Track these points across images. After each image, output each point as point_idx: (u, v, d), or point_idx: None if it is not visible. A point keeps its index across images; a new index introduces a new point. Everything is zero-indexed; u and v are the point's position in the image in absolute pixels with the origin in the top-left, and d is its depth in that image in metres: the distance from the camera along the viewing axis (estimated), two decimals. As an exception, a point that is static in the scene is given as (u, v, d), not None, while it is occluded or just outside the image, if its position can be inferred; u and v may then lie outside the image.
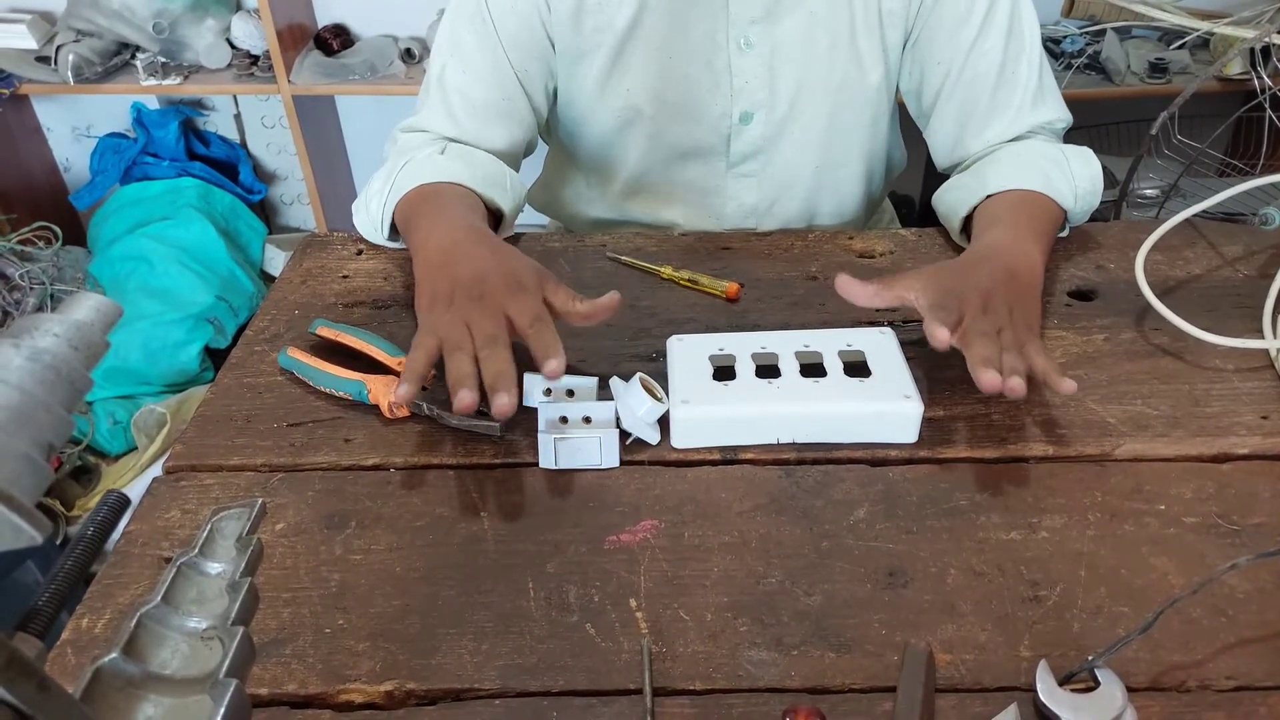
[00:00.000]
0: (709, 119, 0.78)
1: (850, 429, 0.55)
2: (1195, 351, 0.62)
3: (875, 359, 0.58)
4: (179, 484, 0.55)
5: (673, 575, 0.48)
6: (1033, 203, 0.69)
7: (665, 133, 0.78)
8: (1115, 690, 0.41)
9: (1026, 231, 0.66)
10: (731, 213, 0.84)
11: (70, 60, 1.56)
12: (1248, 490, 0.52)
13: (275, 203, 1.97)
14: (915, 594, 0.47)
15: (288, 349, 0.62)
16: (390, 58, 1.64)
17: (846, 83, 0.77)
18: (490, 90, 0.74)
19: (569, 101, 0.79)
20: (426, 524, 0.52)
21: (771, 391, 0.55)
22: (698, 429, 0.55)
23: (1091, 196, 0.72)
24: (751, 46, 0.74)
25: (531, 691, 0.43)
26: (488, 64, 0.74)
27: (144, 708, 0.33)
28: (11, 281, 1.52)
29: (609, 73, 0.75)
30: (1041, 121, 0.75)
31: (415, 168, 0.70)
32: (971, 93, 0.74)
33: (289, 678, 0.44)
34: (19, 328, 0.29)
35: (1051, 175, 0.70)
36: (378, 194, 0.71)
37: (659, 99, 0.76)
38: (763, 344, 0.59)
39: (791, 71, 0.76)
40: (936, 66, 0.75)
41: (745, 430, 0.55)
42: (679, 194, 0.83)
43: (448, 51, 0.75)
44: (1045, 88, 0.75)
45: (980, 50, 0.73)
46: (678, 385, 0.56)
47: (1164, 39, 1.63)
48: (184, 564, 0.36)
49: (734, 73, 0.75)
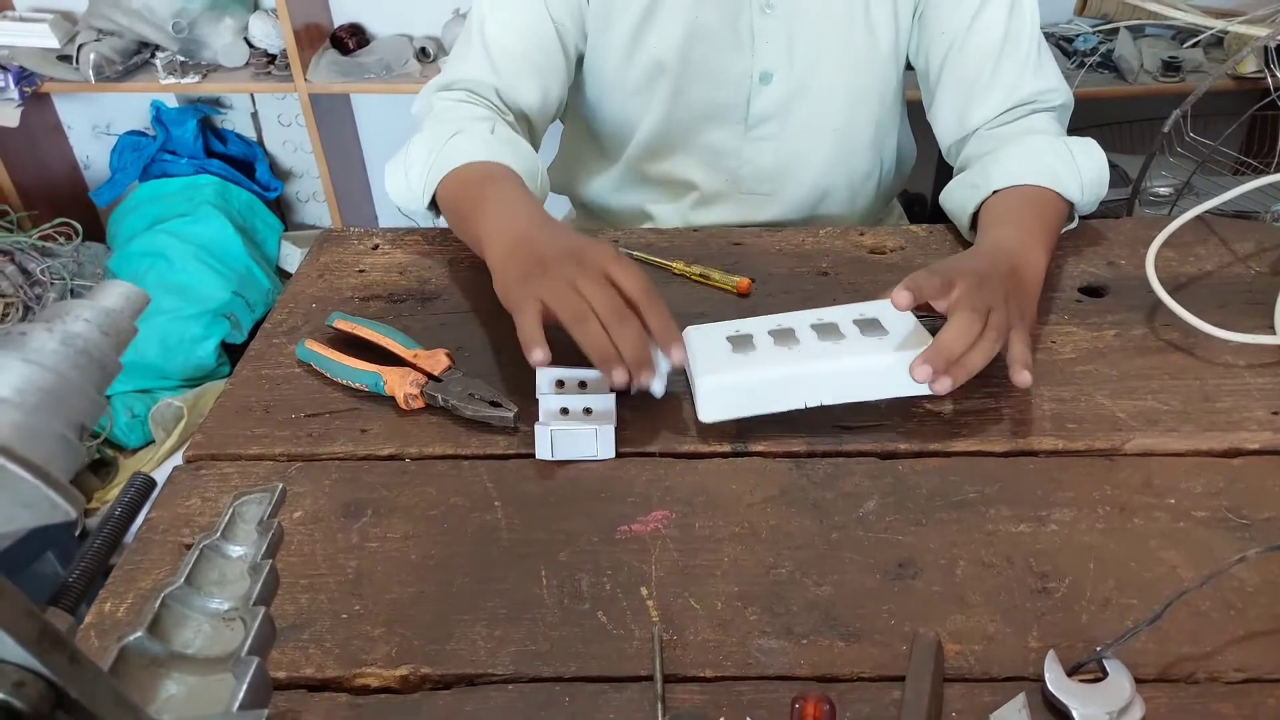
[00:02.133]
0: (731, 78, 0.80)
1: (874, 384, 0.55)
2: (1206, 347, 0.62)
3: (889, 320, 0.58)
4: (199, 472, 0.56)
5: (684, 565, 0.49)
6: (1039, 199, 0.69)
7: (687, 91, 0.80)
8: (1123, 681, 0.41)
9: (1031, 230, 0.66)
10: (747, 175, 0.85)
11: (91, 59, 1.58)
12: (1258, 485, 0.52)
13: (291, 200, 1.99)
14: (924, 585, 0.48)
15: (305, 341, 0.63)
16: (405, 57, 1.66)
17: (859, 48, 0.79)
18: (530, 42, 0.77)
19: (597, 59, 0.81)
20: (441, 513, 0.53)
21: (792, 355, 0.56)
22: (723, 398, 0.55)
23: (1098, 187, 0.72)
24: (773, 8, 0.77)
25: (544, 677, 0.44)
26: (528, 17, 0.76)
27: (167, 685, 0.34)
28: (33, 276, 1.54)
29: (639, 28, 0.78)
30: (1041, 88, 0.76)
31: (466, 142, 0.69)
32: (975, 63, 0.76)
33: (306, 662, 0.45)
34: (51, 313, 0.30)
35: (1057, 170, 0.70)
36: (420, 162, 0.71)
37: (684, 57, 0.78)
38: (778, 323, 0.59)
39: (809, 34, 0.78)
40: (941, 37, 0.77)
41: (770, 395, 0.55)
42: (696, 155, 0.84)
43: (488, 7, 0.77)
44: (1044, 60, 0.77)
45: (983, 22, 0.75)
46: (699, 363, 0.57)
47: (1177, 37, 1.61)
48: (206, 547, 0.37)
49: (755, 33, 0.78)
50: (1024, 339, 0.55)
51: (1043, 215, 0.68)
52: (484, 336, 0.66)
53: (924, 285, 0.55)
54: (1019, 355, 0.54)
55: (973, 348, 0.53)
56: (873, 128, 0.84)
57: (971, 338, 0.53)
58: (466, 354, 0.64)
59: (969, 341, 0.52)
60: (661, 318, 0.55)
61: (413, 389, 0.58)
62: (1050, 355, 0.62)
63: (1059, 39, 1.61)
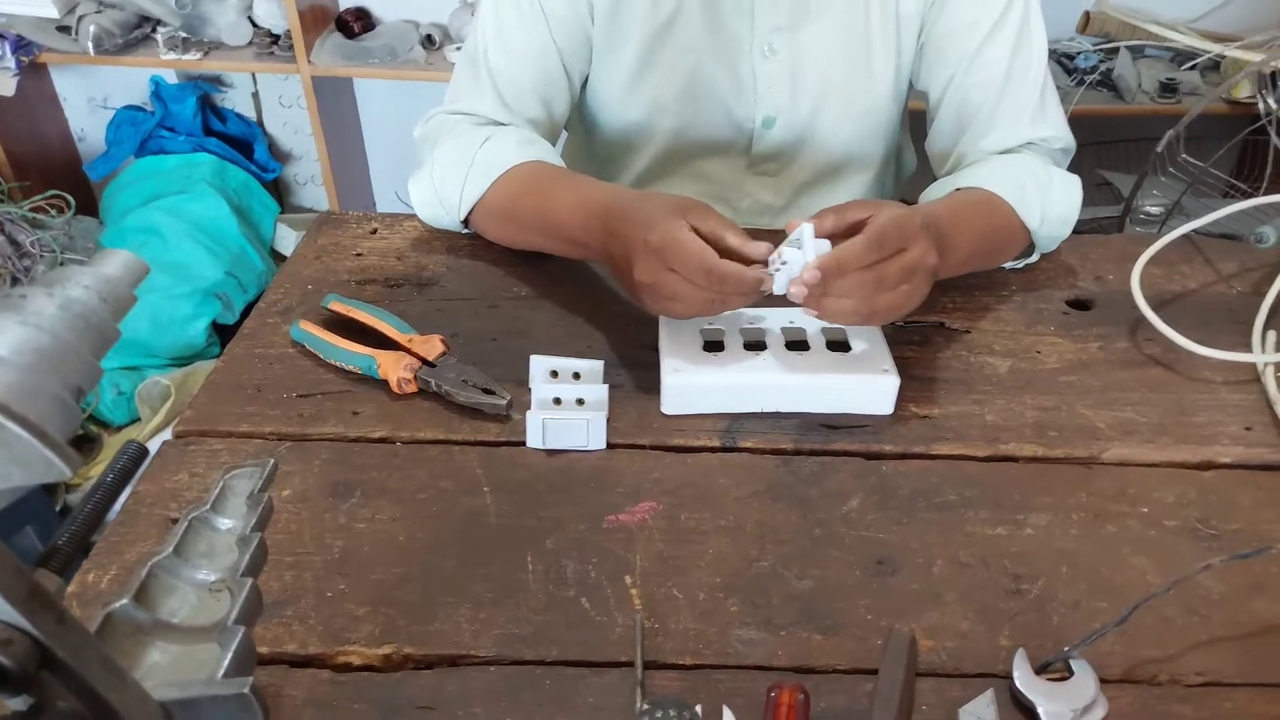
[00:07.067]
0: (733, 120, 0.79)
1: (831, 399, 0.58)
2: (1186, 363, 0.63)
3: (856, 336, 0.60)
4: (188, 448, 0.56)
5: (669, 555, 0.50)
6: (992, 207, 0.67)
7: (690, 130, 0.80)
8: (1088, 680, 0.42)
9: (966, 222, 0.64)
10: (747, 208, 0.85)
11: (91, 30, 1.57)
12: (1228, 498, 0.54)
13: (289, 182, 1.98)
14: (902, 582, 0.48)
15: (300, 322, 0.63)
16: (411, 43, 1.66)
17: (861, 89, 0.78)
18: (535, 72, 0.75)
19: (598, 90, 0.80)
20: (430, 496, 0.53)
21: (758, 363, 0.58)
22: (687, 396, 0.58)
23: (1062, 225, 0.70)
24: (775, 53, 0.76)
25: (526, 660, 0.45)
26: (533, 46, 0.74)
27: (151, 654, 0.34)
28: (22, 248, 1.53)
29: (640, 67, 0.77)
30: (1039, 136, 0.74)
31: (498, 148, 0.69)
32: (973, 100, 0.74)
33: (289, 638, 0.45)
34: (52, 278, 0.30)
35: (1027, 190, 0.68)
36: (454, 170, 0.70)
37: (686, 96, 0.78)
38: (750, 319, 0.61)
39: (813, 78, 0.77)
40: (941, 70, 0.75)
41: (732, 399, 0.58)
42: (697, 186, 0.84)
43: (491, 33, 0.75)
44: (1047, 106, 0.74)
45: (985, 59, 0.73)
46: (669, 355, 0.58)
47: (1176, 59, 1.64)
48: (195, 518, 0.37)
49: (758, 77, 0.77)
50: (867, 325, 0.54)
51: (989, 221, 0.67)
52: (479, 324, 0.66)
53: (829, 220, 0.53)
54: (830, 314, 0.52)
55: (852, 291, 0.52)
56: (877, 164, 0.84)
57: (863, 264, 0.51)
58: (461, 340, 0.64)
59: (859, 274, 0.51)
60: (727, 296, 0.54)
61: (406, 373, 0.59)
62: (1035, 365, 0.64)
63: (1060, 56, 1.63)
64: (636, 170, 0.84)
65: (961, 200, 0.68)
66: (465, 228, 0.74)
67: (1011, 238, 0.69)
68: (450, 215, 0.72)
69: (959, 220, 0.64)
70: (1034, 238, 0.70)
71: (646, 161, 0.83)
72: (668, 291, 0.55)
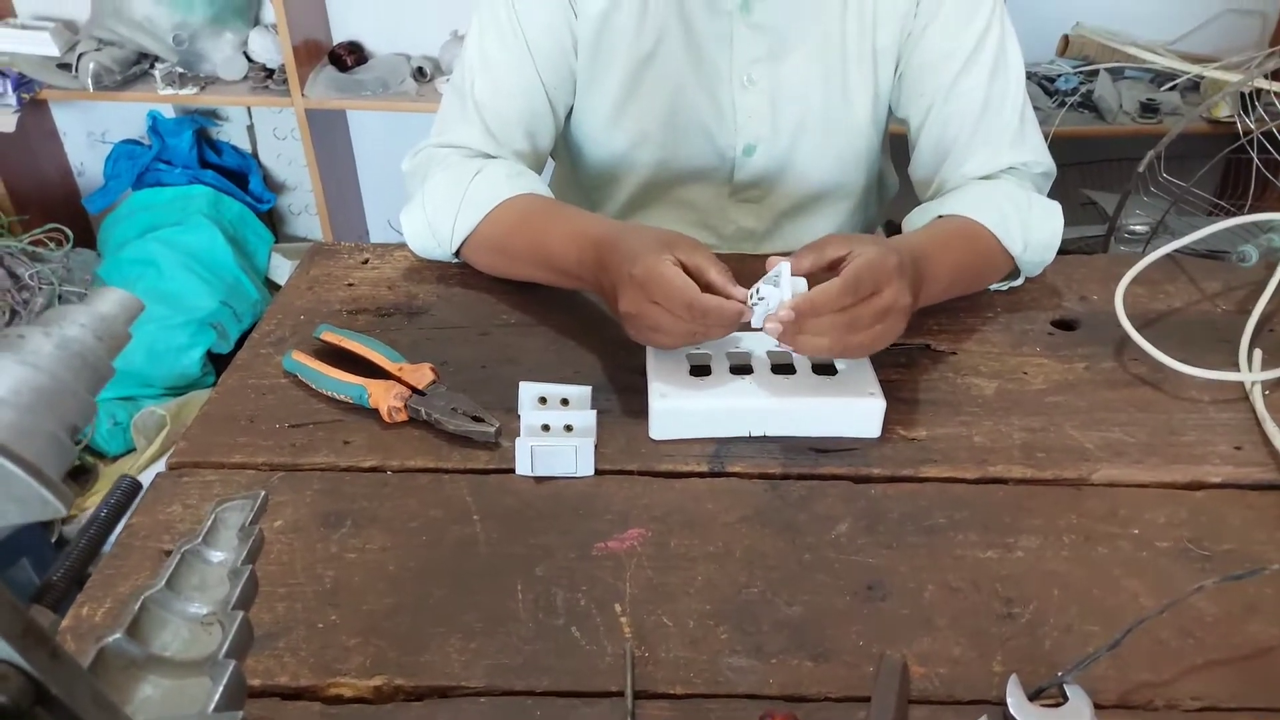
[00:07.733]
0: (715, 149, 0.81)
1: (817, 422, 0.58)
2: (1173, 382, 0.64)
3: (841, 359, 0.61)
4: (181, 479, 0.56)
5: (658, 582, 0.50)
6: (973, 235, 0.68)
7: (673, 158, 0.81)
8: (1083, 706, 0.42)
9: (948, 250, 0.66)
10: (731, 234, 0.87)
11: (91, 68, 1.60)
12: (1219, 517, 0.54)
13: (283, 212, 2.00)
14: (893, 607, 0.49)
15: (292, 352, 0.64)
16: (402, 75, 1.68)
17: (840, 118, 0.79)
18: (520, 106, 0.76)
19: (582, 121, 0.82)
20: (420, 525, 0.53)
21: (744, 387, 0.59)
22: (675, 421, 0.58)
23: (1045, 250, 0.71)
24: (754, 83, 0.77)
25: (516, 691, 0.44)
26: (518, 80, 0.76)
27: (144, 688, 0.34)
28: (21, 281, 1.54)
29: (624, 98, 0.78)
30: (1020, 161, 0.74)
31: (489, 182, 0.71)
32: (952, 128, 0.75)
33: (281, 670, 0.45)
34: (49, 318, 0.30)
35: (1008, 216, 0.69)
36: (446, 203, 0.71)
37: (669, 126, 0.79)
38: (736, 343, 0.62)
39: (792, 108, 0.78)
40: (920, 100, 0.76)
41: (719, 423, 0.58)
42: (680, 212, 0.86)
43: (477, 66, 0.76)
44: (1026, 131, 0.75)
45: (963, 87, 0.73)
46: (656, 380, 0.59)
47: (1155, 80, 1.66)
48: (187, 551, 0.37)
49: (738, 108, 0.78)
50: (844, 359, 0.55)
51: (971, 248, 0.68)
52: (469, 351, 0.67)
53: (807, 260, 0.55)
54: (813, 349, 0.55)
55: (826, 331, 0.54)
56: (858, 190, 0.85)
57: (838, 308, 0.53)
58: (451, 369, 0.65)
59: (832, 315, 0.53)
60: (709, 328, 0.56)
61: (396, 402, 0.59)
62: (1021, 386, 0.64)
63: (1041, 79, 1.66)
64: (622, 198, 0.85)
65: (942, 229, 0.69)
66: (456, 258, 0.75)
67: (993, 263, 0.70)
68: (442, 247, 0.73)
69: (940, 249, 0.65)
70: (1018, 263, 0.71)
71: (631, 189, 0.84)
72: (650, 323, 0.56)
